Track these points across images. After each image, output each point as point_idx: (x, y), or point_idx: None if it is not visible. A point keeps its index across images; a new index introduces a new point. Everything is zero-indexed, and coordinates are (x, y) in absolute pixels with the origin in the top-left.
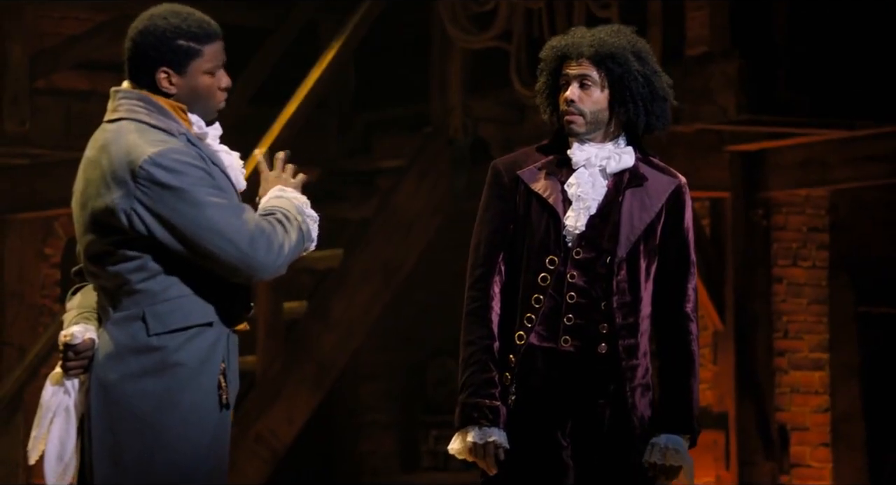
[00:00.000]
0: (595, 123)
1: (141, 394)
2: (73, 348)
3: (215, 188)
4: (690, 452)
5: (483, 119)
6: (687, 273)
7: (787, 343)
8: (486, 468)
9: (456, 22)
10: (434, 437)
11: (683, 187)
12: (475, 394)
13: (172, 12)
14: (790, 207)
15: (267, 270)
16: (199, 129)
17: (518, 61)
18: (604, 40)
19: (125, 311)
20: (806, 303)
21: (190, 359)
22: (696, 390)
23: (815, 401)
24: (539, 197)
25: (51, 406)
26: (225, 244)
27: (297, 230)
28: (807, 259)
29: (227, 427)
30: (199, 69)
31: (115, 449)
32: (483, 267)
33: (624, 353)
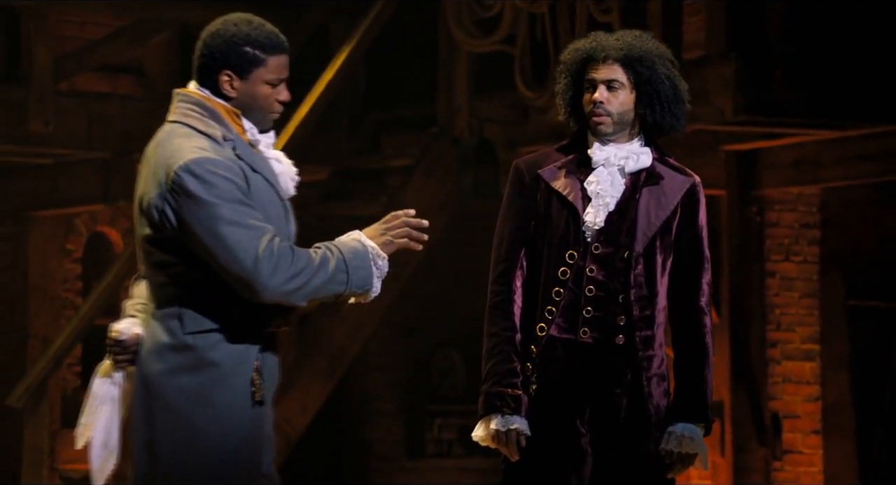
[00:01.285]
0: (621, 124)
1: (176, 389)
2: (120, 343)
3: (242, 204)
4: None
5: (488, 120)
6: (701, 268)
7: (780, 335)
8: (508, 455)
9: (462, 26)
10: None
11: (698, 186)
12: (498, 383)
13: (245, 20)
14: (783, 205)
15: (268, 292)
16: (251, 135)
17: (522, 64)
18: (631, 44)
19: (165, 307)
20: (798, 296)
21: (223, 358)
22: (710, 381)
23: (806, 390)
24: (559, 194)
25: (98, 396)
26: (231, 260)
27: (333, 269)
28: (799, 254)
29: (263, 423)
30: (260, 78)
31: (151, 441)
32: (506, 262)
33: (641, 344)
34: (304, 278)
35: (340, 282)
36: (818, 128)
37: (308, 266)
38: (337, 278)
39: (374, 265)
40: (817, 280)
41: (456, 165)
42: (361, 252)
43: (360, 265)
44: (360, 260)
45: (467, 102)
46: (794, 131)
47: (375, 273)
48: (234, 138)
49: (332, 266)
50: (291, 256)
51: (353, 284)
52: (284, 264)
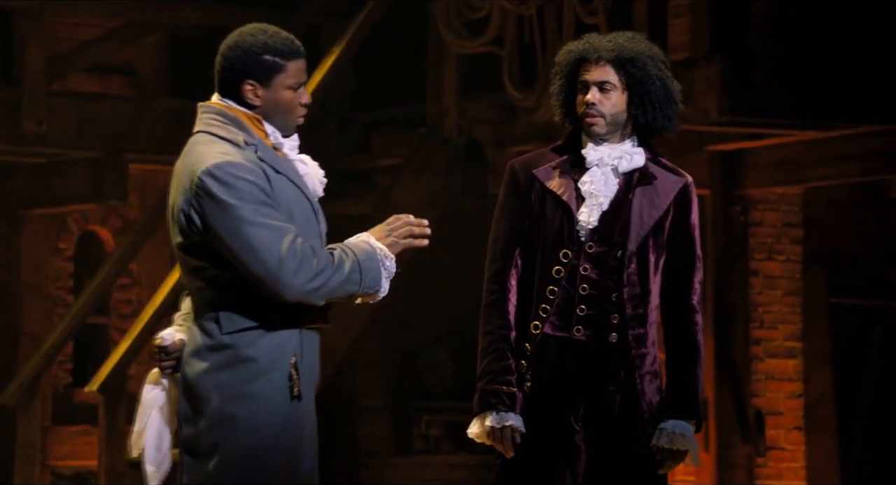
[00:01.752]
0: (614, 125)
1: (215, 386)
2: (164, 350)
3: (264, 205)
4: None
5: (476, 120)
6: (693, 267)
7: (763, 333)
8: (503, 451)
9: (451, 28)
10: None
11: (690, 186)
12: (493, 381)
13: (261, 30)
14: (766, 204)
15: (291, 291)
16: (274, 139)
17: (510, 65)
18: (623, 45)
19: (203, 311)
20: (780, 295)
21: (260, 354)
22: (702, 378)
23: (788, 387)
24: (553, 194)
25: (148, 402)
26: (254, 261)
27: (348, 270)
28: (781, 253)
29: (302, 418)
30: (282, 84)
31: (196, 440)
32: (501, 261)
33: (634, 342)
34: (324, 278)
35: (354, 282)
36: (801, 128)
37: (328, 267)
38: (352, 279)
39: (383, 266)
40: (800, 279)
41: (445, 165)
42: (371, 253)
43: (371, 266)
44: (371, 261)
45: (456, 103)
46: (777, 132)
47: (384, 274)
48: (256, 143)
49: (347, 267)
50: (313, 257)
51: (366, 285)
52: (307, 264)
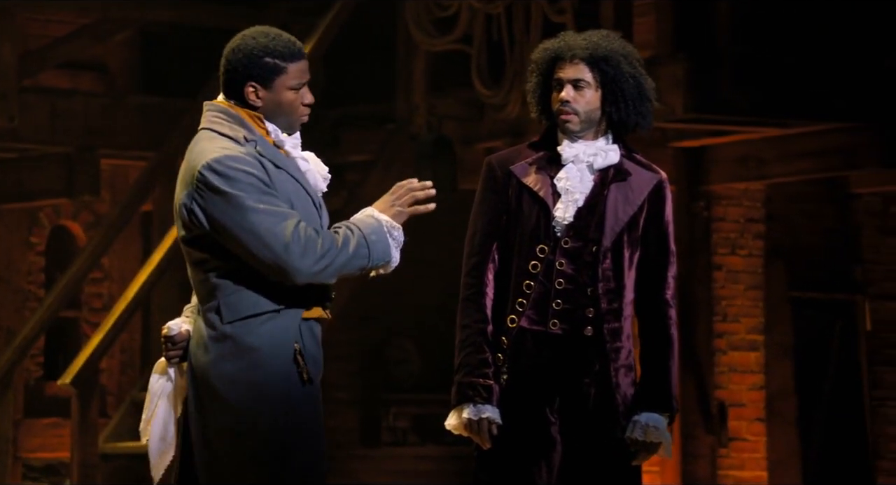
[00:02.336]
0: (588, 122)
1: (221, 377)
2: (170, 339)
3: (265, 194)
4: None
5: (445, 116)
6: (667, 262)
7: (726, 326)
8: (480, 443)
9: (420, 26)
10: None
11: (664, 183)
12: (470, 374)
13: (262, 33)
14: (729, 200)
15: (301, 273)
16: (276, 137)
17: (478, 63)
18: (597, 43)
19: (207, 302)
20: (743, 288)
21: (262, 343)
22: (675, 372)
23: (751, 379)
24: (530, 190)
25: (155, 392)
26: (261, 247)
27: (354, 245)
28: (744, 248)
29: (311, 402)
30: (283, 85)
31: (204, 428)
32: (478, 256)
33: (609, 336)
34: (330, 258)
35: (363, 257)
36: (763, 126)
37: (332, 246)
38: (359, 254)
39: (391, 237)
40: (762, 273)
41: (414, 161)
42: (377, 227)
43: (378, 239)
44: (378, 234)
45: (425, 100)
46: (740, 129)
47: (392, 244)
48: (256, 139)
49: (353, 244)
50: (318, 238)
51: (375, 258)
52: (312, 246)
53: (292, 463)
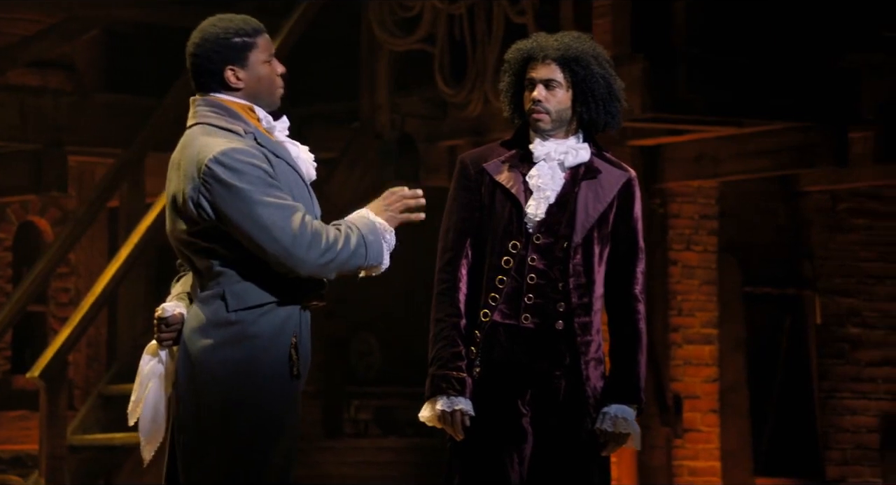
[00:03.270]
0: (559, 121)
1: (221, 362)
2: (164, 321)
3: (271, 187)
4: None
5: (409, 115)
6: (636, 258)
7: (681, 320)
8: (453, 434)
9: (383, 26)
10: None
11: (634, 180)
12: (444, 367)
13: (218, 19)
14: (684, 197)
15: (306, 266)
16: (266, 124)
17: (441, 62)
18: (569, 45)
19: (209, 290)
20: (697, 284)
21: (264, 332)
22: (644, 365)
23: (705, 372)
24: (503, 187)
25: (146, 373)
26: (269, 240)
27: (355, 244)
28: (698, 244)
29: (298, 395)
30: (258, 60)
31: (198, 411)
32: (451, 251)
33: (579, 329)
34: (334, 252)
35: (361, 256)
36: (718, 125)
37: (336, 241)
38: (358, 253)
39: (384, 239)
40: (715, 268)
41: (378, 159)
42: (373, 228)
43: (374, 240)
44: (374, 235)
45: (388, 98)
46: (696, 128)
47: (385, 247)
48: (253, 131)
49: (353, 241)
50: (323, 232)
51: (370, 259)
52: (318, 239)
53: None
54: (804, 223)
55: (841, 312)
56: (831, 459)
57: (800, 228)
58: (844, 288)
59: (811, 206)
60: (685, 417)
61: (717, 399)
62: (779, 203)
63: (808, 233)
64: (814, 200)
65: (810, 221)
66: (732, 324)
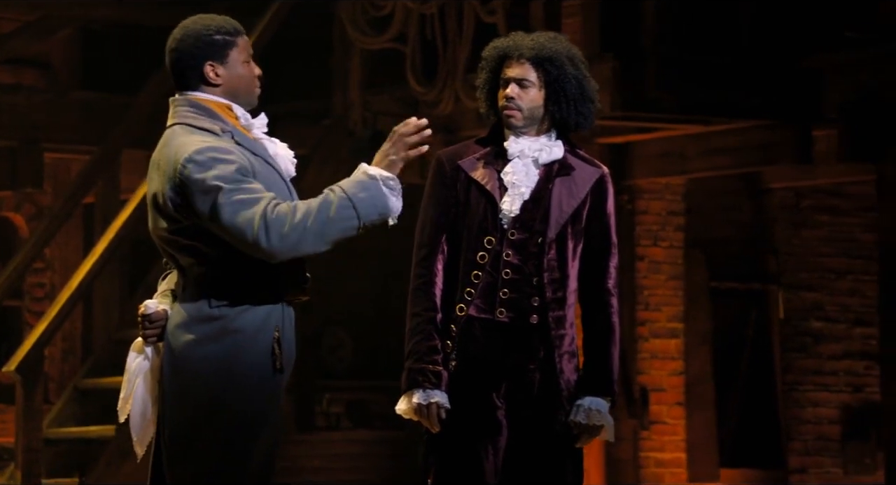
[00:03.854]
0: (531, 119)
1: (204, 357)
2: (147, 318)
3: (242, 182)
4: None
5: (380, 113)
6: (609, 253)
7: (648, 314)
8: (429, 427)
9: (355, 25)
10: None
11: (606, 177)
12: (420, 360)
13: (199, 18)
14: (651, 194)
15: (276, 252)
16: (245, 121)
17: (413, 61)
18: (544, 45)
19: (191, 287)
20: (664, 279)
21: (246, 326)
22: (617, 358)
23: (671, 365)
24: (478, 184)
25: (133, 370)
26: (236, 235)
27: (335, 209)
28: (665, 240)
29: (281, 389)
30: (237, 59)
31: (183, 405)
32: (428, 247)
33: (553, 323)
34: (301, 230)
35: (349, 218)
36: (685, 123)
37: (306, 217)
38: (343, 215)
39: (387, 187)
40: (682, 264)
41: (350, 156)
42: (367, 182)
43: (368, 195)
44: (367, 190)
45: (360, 96)
46: (663, 126)
47: (390, 194)
48: (231, 130)
49: (333, 206)
50: (287, 214)
51: (365, 214)
52: (281, 223)
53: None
54: (768, 220)
55: (804, 307)
56: (794, 450)
57: (764, 224)
58: (807, 283)
59: (775, 203)
60: (651, 409)
61: (683, 392)
62: (744, 200)
63: (772, 229)
64: (778, 197)
65: (774, 217)
66: (698, 318)
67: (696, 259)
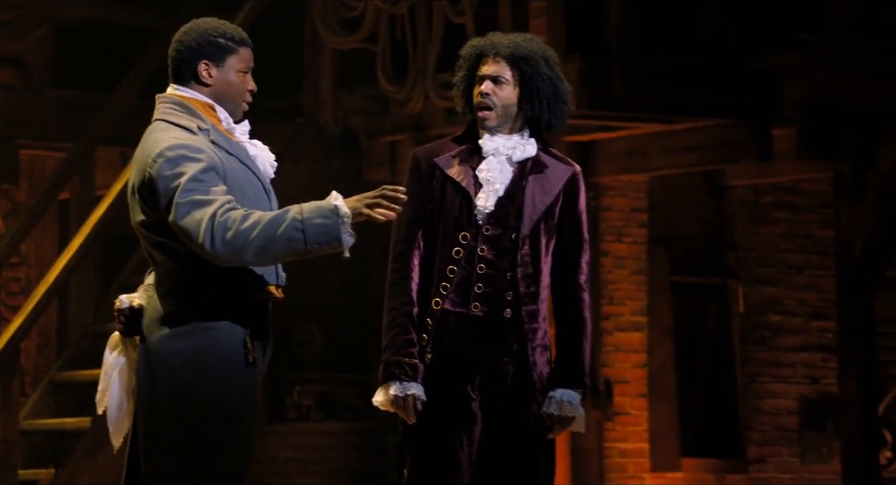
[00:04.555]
0: (505, 117)
1: (178, 351)
2: (122, 313)
3: (202, 182)
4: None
5: (351, 111)
6: (580, 249)
7: (612, 308)
8: (405, 418)
9: (327, 25)
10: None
11: (578, 175)
12: (396, 353)
13: (212, 20)
14: (615, 191)
15: (218, 256)
16: (227, 124)
17: (383, 61)
18: (520, 44)
19: (166, 282)
20: (628, 273)
21: (219, 322)
22: (588, 351)
23: (634, 358)
24: (453, 181)
25: (110, 364)
26: (186, 233)
27: (285, 227)
28: (629, 236)
29: (255, 383)
30: (233, 66)
31: (156, 399)
32: (404, 243)
33: (526, 317)
34: (244, 238)
35: (295, 239)
36: (649, 122)
37: (250, 227)
38: (289, 235)
39: (342, 222)
40: (645, 259)
41: (322, 153)
42: (326, 211)
43: (323, 223)
44: (325, 218)
45: (332, 95)
46: (628, 125)
47: (341, 229)
48: (209, 128)
49: (284, 225)
50: (235, 221)
51: (313, 240)
52: (225, 229)
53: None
54: (729, 216)
55: (762, 301)
56: (752, 439)
57: (724, 220)
58: (766, 278)
59: (735, 199)
60: (615, 401)
61: (646, 384)
62: (705, 197)
63: (732, 225)
64: (738, 194)
65: (734, 214)
66: (660, 312)
67: (659, 255)
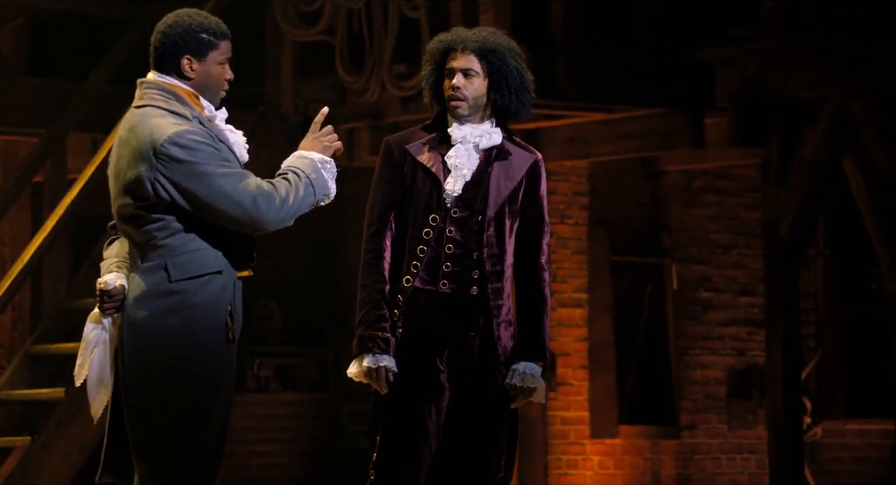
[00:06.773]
0: (476, 107)
1: (163, 330)
2: (107, 293)
3: (224, 160)
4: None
5: (311, 100)
6: (541, 231)
7: (555, 286)
8: (378, 388)
9: (287, 18)
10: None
11: (540, 162)
12: (370, 327)
13: (194, 13)
14: (558, 176)
15: (270, 224)
16: (209, 112)
17: (341, 52)
18: (487, 38)
19: (151, 262)
20: (570, 253)
21: (203, 301)
22: (548, 326)
23: (576, 332)
24: (423, 166)
25: (91, 339)
26: (232, 206)
27: (304, 186)
28: (571, 218)
29: (233, 358)
30: (214, 59)
31: (142, 374)
32: (377, 225)
33: (492, 294)
34: (288, 205)
35: (310, 195)
36: (590, 111)
37: (288, 194)
38: (308, 193)
39: (325, 171)
40: (586, 240)
41: (283, 140)
42: (314, 165)
43: (319, 176)
44: (316, 172)
45: (292, 84)
46: (571, 114)
47: (328, 177)
48: (197, 116)
49: (302, 187)
50: (274, 189)
51: (319, 194)
52: (273, 198)
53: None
54: (664, 200)
55: (694, 279)
56: (684, 408)
57: (660, 203)
58: (697, 257)
59: (669, 184)
60: (558, 372)
61: (587, 356)
62: (642, 181)
63: (667, 208)
64: (672, 178)
65: (669, 197)
66: (600, 289)
67: (599, 236)
